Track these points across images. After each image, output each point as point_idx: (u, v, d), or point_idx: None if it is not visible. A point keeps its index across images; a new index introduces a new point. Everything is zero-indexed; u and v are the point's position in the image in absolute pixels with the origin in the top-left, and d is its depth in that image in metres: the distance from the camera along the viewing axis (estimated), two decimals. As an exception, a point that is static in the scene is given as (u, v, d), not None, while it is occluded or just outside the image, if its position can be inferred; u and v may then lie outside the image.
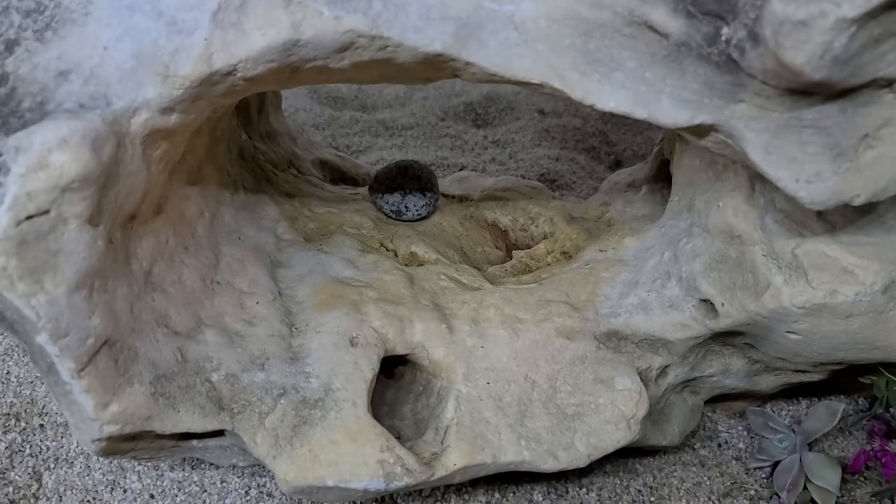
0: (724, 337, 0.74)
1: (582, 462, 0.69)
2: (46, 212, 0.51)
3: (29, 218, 0.50)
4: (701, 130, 0.57)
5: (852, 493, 0.80)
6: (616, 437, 0.69)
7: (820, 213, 0.63)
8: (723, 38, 0.51)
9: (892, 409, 0.80)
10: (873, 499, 0.79)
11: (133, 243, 0.62)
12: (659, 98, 0.55)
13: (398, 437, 0.67)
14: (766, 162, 0.55)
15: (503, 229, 0.98)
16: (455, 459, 0.66)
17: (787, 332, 0.66)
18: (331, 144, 1.44)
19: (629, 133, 1.52)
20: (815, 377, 0.78)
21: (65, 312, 0.53)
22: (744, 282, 0.67)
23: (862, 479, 0.82)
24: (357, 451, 0.64)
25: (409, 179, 0.93)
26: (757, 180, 0.66)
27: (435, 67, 0.59)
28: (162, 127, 0.58)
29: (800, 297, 0.63)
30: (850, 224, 0.62)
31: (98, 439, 0.60)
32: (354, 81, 0.66)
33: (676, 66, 0.54)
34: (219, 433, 0.67)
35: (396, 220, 0.94)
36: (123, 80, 0.57)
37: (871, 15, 0.44)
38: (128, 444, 0.64)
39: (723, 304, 0.69)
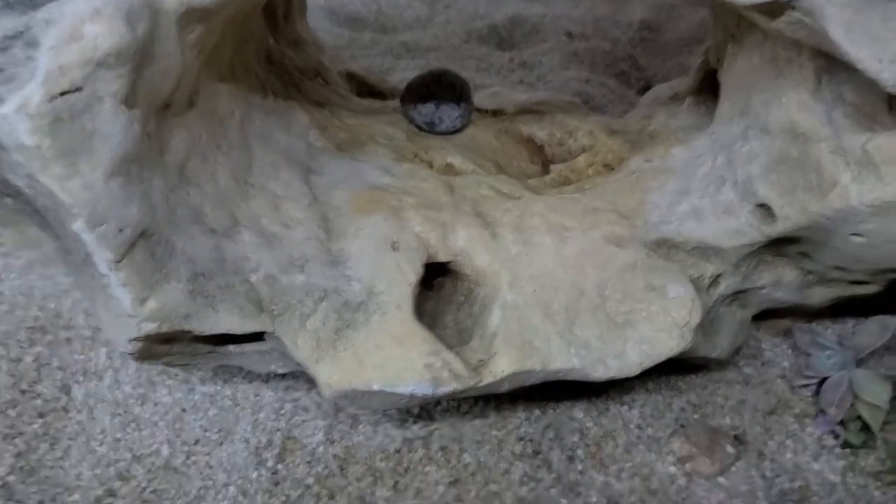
0: (778, 246, 0.71)
1: (633, 370, 0.66)
2: (80, 88, 0.48)
3: (63, 94, 0.47)
4: (776, 8, 0.53)
5: (900, 412, 0.78)
6: (669, 346, 0.66)
7: (893, 106, 0.59)
8: None
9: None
10: (924, 416, 0.77)
11: (167, 135, 0.59)
12: (735, -30, 0.51)
13: (442, 345, 0.65)
14: (847, 41, 0.51)
15: (539, 144, 0.94)
16: (503, 366, 0.64)
17: (852, 234, 0.63)
18: (351, 67, 1.38)
19: (659, 58, 1.47)
20: (871, 289, 0.75)
21: (101, 199, 0.50)
22: (806, 182, 0.63)
23: (911, 397, 0.80)
24: (403, 355, 0.61)
25: (443, 88, 0.89)
26: (824, 73, 0.62)
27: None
28: (198, 6, 0.54)
29: (870, 194, 0.59)
30: (926, 116, 0.58)
31: (135, 338, 0.58)
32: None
33: (756, -67, 0.50)
34: (258, 337, 0.64)
35: (429, 132, 0.90)
36: (155, -48, 0.53)
37: None
38: (164, 346, 0.62)
39: (782, 206, 0.65)
